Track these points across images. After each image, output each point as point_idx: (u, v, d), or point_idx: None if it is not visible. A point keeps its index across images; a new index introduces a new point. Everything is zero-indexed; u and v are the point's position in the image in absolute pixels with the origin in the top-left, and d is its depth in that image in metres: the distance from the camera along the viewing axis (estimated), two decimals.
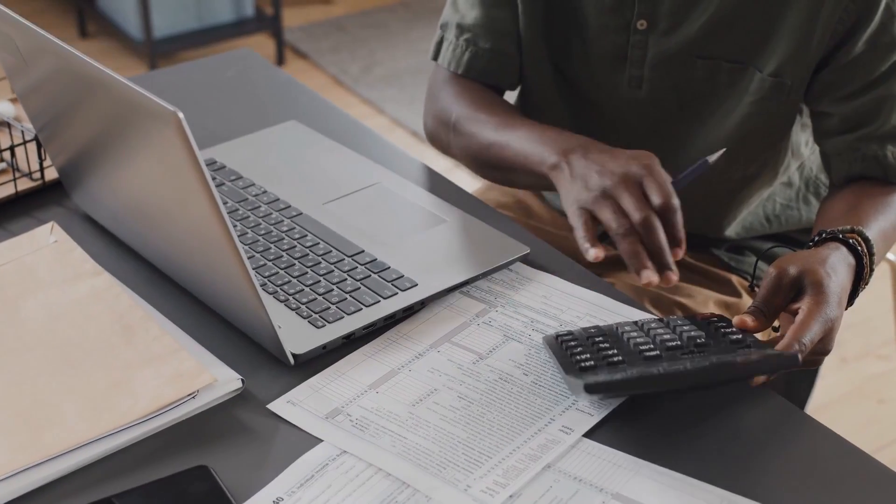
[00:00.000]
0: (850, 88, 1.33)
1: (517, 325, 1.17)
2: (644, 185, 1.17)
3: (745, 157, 1.42)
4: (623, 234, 1.15)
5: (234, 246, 1.01)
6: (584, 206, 1.18)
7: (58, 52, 1.10)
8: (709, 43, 1.35)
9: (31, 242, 1.27)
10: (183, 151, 0.97)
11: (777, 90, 1.34)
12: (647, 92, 1.40)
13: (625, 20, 1.37)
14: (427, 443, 1.03)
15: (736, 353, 1.04)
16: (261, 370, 1.12)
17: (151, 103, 0.98)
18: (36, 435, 1.03)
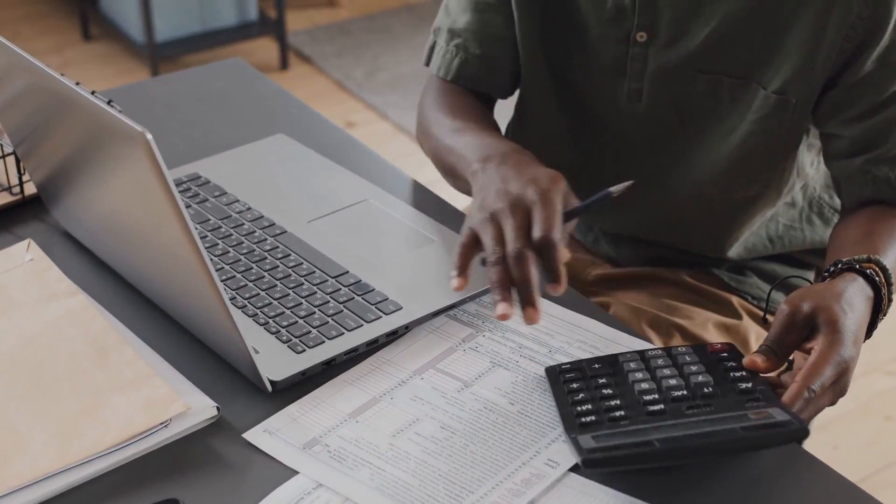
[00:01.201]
0: (860, 109, 1.29)
1: (504, 352, 1.13)
2: (532, 213, 1.11)
3: (747, 177, 1.38)
4: (492, 263, 1.09)
5: (205, 268, 0.98)
6: (472, 226, 1.14)
7: (31, 68, 1.06)
8: (710, 57, 1.31)
9: (6, 260, 1.24)
10: (151, 172, 0.93)
11: (781, 108, 1.30)
12: (646, 105, 1.36)
13: (625, 31, 1.33)
14: (407, 476, 0.99)
15: (744, 410, 0.99)
16: (238, 396, 1.08)
17: (120, 123, 0.94)
18: (1, 464, 0.99)
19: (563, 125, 1.45)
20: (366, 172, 1.41)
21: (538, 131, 1.49)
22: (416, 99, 1.50)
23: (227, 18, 3.83)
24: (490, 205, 1.13)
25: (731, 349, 1.09)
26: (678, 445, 0.96)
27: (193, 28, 3.79)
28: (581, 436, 0.98)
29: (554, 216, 1.11)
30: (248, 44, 3.92)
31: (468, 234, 1.13)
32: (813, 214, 1.51)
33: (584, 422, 1.00)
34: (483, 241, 1.12)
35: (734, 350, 1.09)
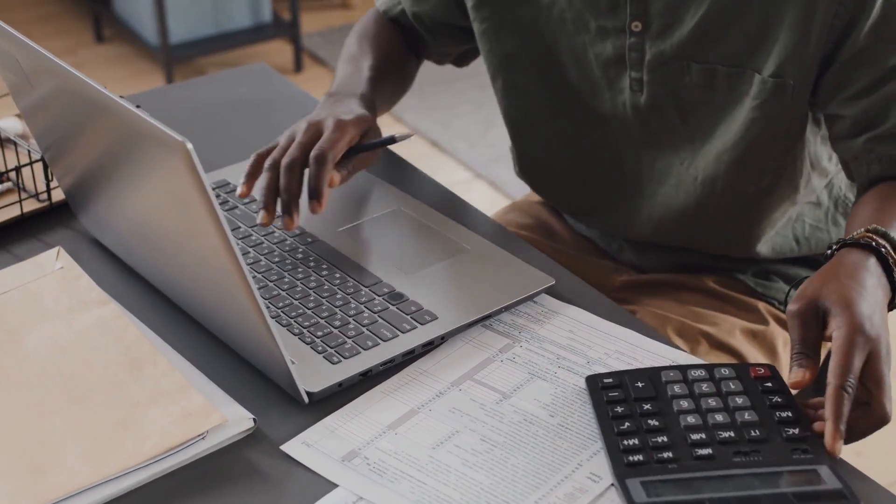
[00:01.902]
0: (859, 86, 1.27)
1: (542, 363, 1.12)
2: (321, 134, 1.24)
3: (755, 168, 1.36)
4: (265, 168, 1.23)
5: (244, 279, 0.96)
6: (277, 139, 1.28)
7: (62, 73, 1.05)
8: (703, 46, 1.30)
9: (36, 269, 1.23)
10: (191, 182, 0.92)
11: (779, 92, 1.29)
12: (647, 96, 1.36)
13: (621, 22, 1.34)
14: (448, 489, 0.98)
15: (792, 464, 0.98)
16: (273, 408, 1.07)
17: (159, 132, 0.93)
18: (37, 478, 0.98)
19: (561, 126, 1.45)
20: (393, 177, 1.40)
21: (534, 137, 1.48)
22: (431, 102, 1.54)
23: (241, 20, 3.82)
24: (295, 125, 1.28)
25: (773, 375, 1.08)
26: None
27: (207, 30, 3.78)
28: (629, 480, 0.97)
29: (338, 141, 1.23)
30: (262, 46, 3.91)
31: (268, 147, 1.27)
32: (839, 215, 1.49)
33: (632, 461, 0.98)
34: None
35: (777, 376, 1.08)
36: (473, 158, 3.36)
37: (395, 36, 1.55)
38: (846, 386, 1.01)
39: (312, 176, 1.21)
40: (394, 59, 1.52)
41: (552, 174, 1.51)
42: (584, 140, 1.44)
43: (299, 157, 1.22)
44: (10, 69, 1.18)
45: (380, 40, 1.52)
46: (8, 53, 1.14)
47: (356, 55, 1.48)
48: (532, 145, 1.51)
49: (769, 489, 0.96)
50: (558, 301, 1.20)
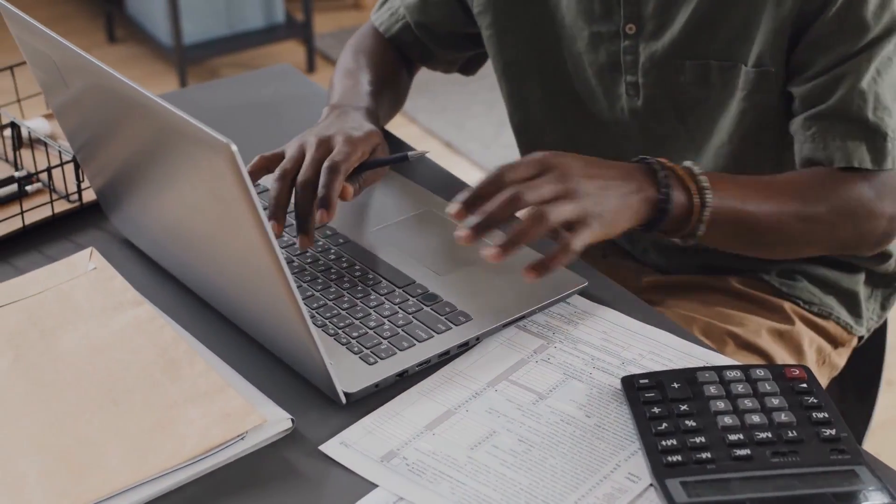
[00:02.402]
0: (815, 69, 1.28)
1: (577, 363, 1.12)
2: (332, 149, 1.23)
3: (752, 160, 1.37)
4: (276, 178, 1.22)
5: (285, 280, 0.97)
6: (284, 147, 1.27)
7: (99, 73, 1.05)
8: (695, 43, 1.32)
9: (69, 269, 1.23)
10: (235, 184, 0.92)
11: (763, 80, 1.30)
12: (644, 100, 1.37)
13: (615, 26, 1.35)
14: (488, 490, 0.98)
15: (830, 465, 0.98)
16: (309, 409, 1.07)
17: (202, 132, 0.93)
18: (78, 478, 0.98)
19: (562, 130, 1.47)
20: (420, 178, 1.40)
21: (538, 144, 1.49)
22: (443, 103, 1.55)
23: (254, 21, 3.82)
24: (303, 137, 1.26)
25: (808, 376, 1.08)
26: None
27: (220, 31, 3.78)
28: (669, 480, 0.97)
29: (351, 154, 1.22)
30: (275, 46, 3.92)
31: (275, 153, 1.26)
32: None
33: (671, 462, 0.99)
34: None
35: (812, 378, 1.08)
36: (487, 159, 3.36)
37: (391, 53, 1.55)
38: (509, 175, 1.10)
39: (324, 185, 1.19)
40: (390, 76, 1.52)
41: None
42: (587, 147, 1.44)
43: (312, 176, 1.20)
44: (43, 69, 1.18)
45: (376, 57, 1.52)
46: (42, 53, 1.15)
47: (353, 70, 1.48)
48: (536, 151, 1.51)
49: (809, 489, 0.96)
50: (591, 303, 1.20)
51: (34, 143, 1.44)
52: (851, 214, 1.28)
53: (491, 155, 3.38)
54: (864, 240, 1.33)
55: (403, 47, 1.56)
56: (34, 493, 0.97)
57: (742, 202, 1.23)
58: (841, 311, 1.51)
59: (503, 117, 1.51)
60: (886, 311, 1.56)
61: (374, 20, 1.57)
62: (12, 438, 1.02)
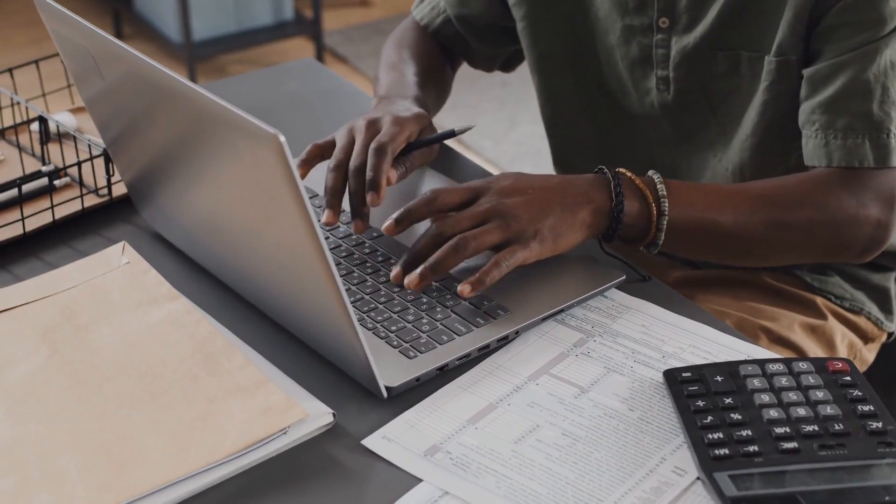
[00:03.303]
0: (825, 57, 1.27)
1: (618, 357, 1.12)
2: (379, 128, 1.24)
3: (777, 150, 1.36)
4: (330, 168, 1.22)
5: (331, 274, 0.96)
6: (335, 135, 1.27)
7: (137, 64, 1.05)
8: (726, 34, 1.32)
9: (102, 264, 1.22)
10: (283, 176, 0.91)
11: (784, 69, 1.30)
12: (675, 93, 1.37)
13: (648, 19, 1.35)
14: (534, 484, 0.97)
15: (878, 458, 0.97)
16: (350, 403, 1.06)
17: (249, 124, 0.92)
18: (120, 473, 0.97)
19: (595, 125, 1.46)
20: (450, 172, 1.39)
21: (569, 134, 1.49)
22: (453, 99, 1.56)
23: (263, 18, 3.81)
24: (353, 123, 1.26)
25: (852, 370, 1.07)
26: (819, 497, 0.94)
27: (229, 28, 3.77)
28: (717, 473, 0.96)
29: (398, 134, 1.22)
30: (283, 43, 3.91)
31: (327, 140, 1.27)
32: None
33: (717, 455, 0.98)
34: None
35: (855, 370, 1.07)
36: (499, 156, 3.36)
37: (434, 46, 1.54)
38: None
39: (371, 167, 1.20)
40: (434, 68, 1.51)
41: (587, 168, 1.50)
42: (618, 141, 1.45)
43: (364, 162, 1.21)
44: (77, 60, 1.17)
45: (420, 50, 1.51)
46: (77, 44, 1.14)
47: (397, 63, 1.48)
48: (567, 145, 1.51)
49: (859, 482, 0.95)
50: (629, 296, 1.20)
51: (62, 138, 1.43)
52: (831, 221, 1.25)
53: (502, 151, 3.37)
54: (848, 247, 1.29)
55: (445, 41, 1.55)
56: (75, 488, 0.96)
57: (704, 210, 1.21)
58: (872, 307, 1.51)
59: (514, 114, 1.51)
60: None
61: (416, 14, 1.56)
62: (51, 434, 1.01)
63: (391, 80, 1.44)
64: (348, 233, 1.26)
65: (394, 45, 1.53)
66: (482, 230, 1.13)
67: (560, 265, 1.22)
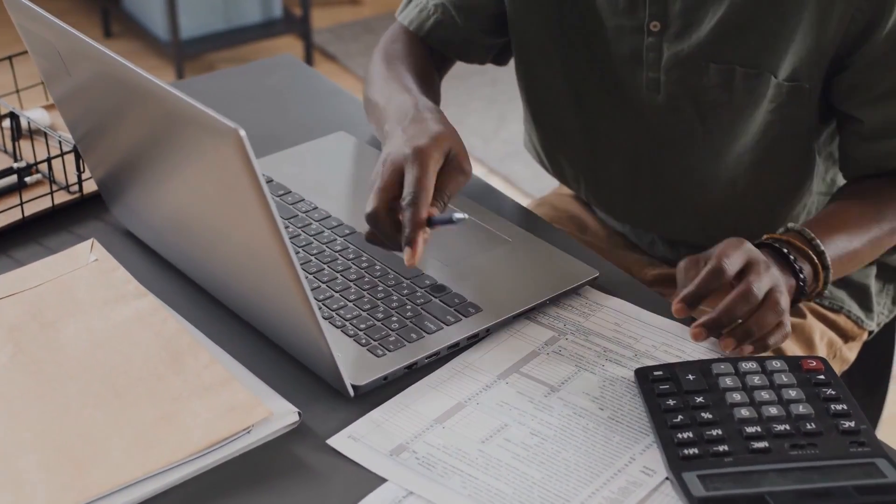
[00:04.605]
0: (876, 91, 1.27)
1: (589, 355, 1.10)
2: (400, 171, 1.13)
3: (775, 167, 1.35)
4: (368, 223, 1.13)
5: (294, 271, 0.95)
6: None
7: (103, 60, 1.03)
8: (721, 47, 1.29)
9: (70, 261, 1.21)
10: (243, 171, 0.90)
11: (796, 95, 1.28)
12: (664, 96, 1.35)
13: (639, 21, 1.33)
14: (500, 484, 0.96)
15: (850, 457, 0.96)
16: (316, 402, 1.05)
17: (209, 118, 0.91)
18: (80, 472, 0.96)
19: (580, 120, 1.44)
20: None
21: (553, 126, 1.47)
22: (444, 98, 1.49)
23: (251, 16, 3.80)
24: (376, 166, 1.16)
25: (826, 369, 1.06)
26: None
27: (218, 25, 3.76)
28: (686, 473, 0.95)
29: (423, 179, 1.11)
30: (272, 41, 3.89)
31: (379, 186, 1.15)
32: None
33: (687, 455, 0.97)
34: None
35: (829, 369, 1.06)
36: (487, 154, 3.34)
37: (423, 55, 1.46)
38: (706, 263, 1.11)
39: (404, 222, 1.10)
40: (427, 78, 1.42)
41: (574, 164, 1.49)
42: (603, 137, 1.43)
43: (381, 206, 1.11)
44: (45, 56, 1.16)
45: (410, 59, 1.42)
46: (44, 41, 1.13)
47: (390, 77, 1.37)
48: (552, 137, 1.49)
49: (829, 482, 0.94)
50: (603, 294, 1.18)
51: (34, 135, 1.42)
52: None
53: (491, 150, 3.36)
54: None
55: (437, 44, 1.46)
56: (36, 488, 0.95)
57: (849, 241, 1.26)
58: (852, 305, 1.49)
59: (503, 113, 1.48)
60: None
61: (402, 19, 1.48)
62: (13, 433, 1.00)
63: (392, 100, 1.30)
64: (320, 230, 1.25)
65: (382, 59, 1.43)
66: (781, 295, 1.12)
67: (533, 262, 1.20)
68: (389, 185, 1.12)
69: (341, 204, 1.29)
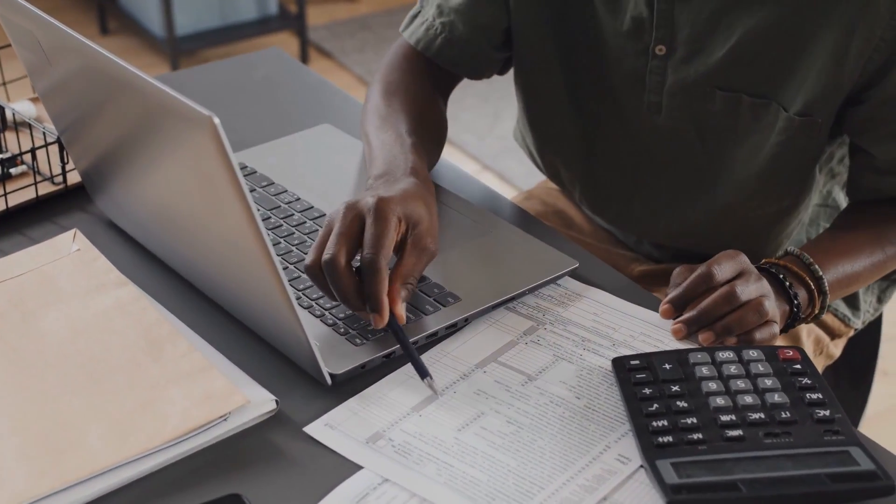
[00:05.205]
0: (890, 128, 1.27)
1: (567, 345, 1.11)
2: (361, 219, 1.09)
3: (778, 192, 1.36)
4: (310, 276, 1.09)
5: (270, 259, 0.95)
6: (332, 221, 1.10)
7: (83, 50, 1.04)
8: (729, 75, 1.28)
9: (52, 251, 1.21)
10: (218, 159, 0.91)
11: (807, 128, 1.27)
12: (666, 119, 1.34)
13: (643, 44, 1.31)
14: (475, 471, 0.97)
15: (824, 446, 0.97)
16: (295, 391, 1.06)
17: (184, 107, 0.91)
18: (58, 459, 0.96)
19: (578, 129, 1.43)
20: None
21: (551, 133, 1.46)
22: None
23: (247, 13, 3.80)
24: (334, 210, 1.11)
25: (802, 358, 1.06)
26: (764, 493, 0.93)
27: (213, 22, 3.77)
28: (659, 461, 0.95)
29: (383, 236, 1.07)
30: (267, 38, 3.90)
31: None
32: None
33: (661, 443, 0.97)
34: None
35: (805, 359, 1.06)
36: (482, 151, 3.35)
37: (425, 81, 1.42)
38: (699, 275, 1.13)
39: (366, 285, 1.06)
40: (428, 113, 1.38)
41: (570, 169, 1.48)
42: (602, 149, 1.42)
43: (338, 253, 1.06)
44: (28, 48, 1.16)
45: (410, 96, 1.38)
46: (27, 31, 1.13)
47: (386, 117, 1.32)
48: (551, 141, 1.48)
49: (802, 470, 0.94)
50: (582, 284, 1.19)
51: (19, 127, 1.42)
52: None
53: (486, 147, 3.37)
54: None
55: (448, 64, 1.42)
56: (13, 474, 0.95)
57: (851, 266, 1.28)
58: (839, 304, 1.50)
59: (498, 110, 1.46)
60: (883, 303, 1.55)
61: (408, 37, 1.43)
62: None
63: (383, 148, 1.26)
64: (302, 220, 1.25)
65: (381, 92, 1.38)
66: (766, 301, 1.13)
67: (513, 253, 1.21)
68: (346, 233, 1.07)
69: (323, 195, 1.29)
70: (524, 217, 1.32)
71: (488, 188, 1.38)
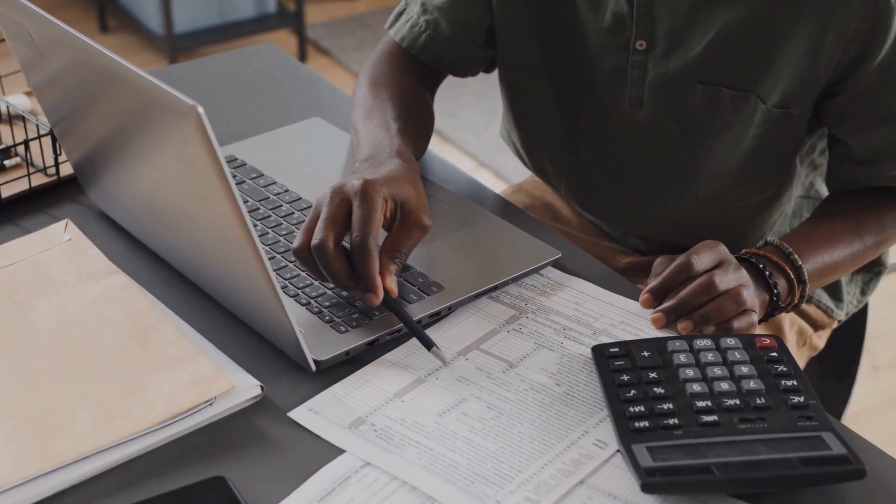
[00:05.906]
0: (866, 119, 1.28)
1: (549, 333, 1.13)
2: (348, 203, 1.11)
3: (758, 186, 1.38)
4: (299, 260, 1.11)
5: (255, 247, 0.97)
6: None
7: (74, 43, 1.05)
8: (709, 68, 1.30)
9: (44, 240, 1.23)
10: (202, 147, 0.92)
11: (785, 120, 1.29)
12: (647, 113, 1.35)
13: (624, 39, 1.33)
14: (455, 455, 0.98)
15: (798, 431, 0.98)
16: (280, 377, 1.07)
17: (169, 97, 0.93)
18: (46, 442, 0.98)
19: (562, 125, 1.45)
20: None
21: (536, 129, 1.48)
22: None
23: (245, 10, 3.82)
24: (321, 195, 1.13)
25: (779, 346, 1.08)
26: (737, 476, 0.94)
27: (212, 20, 3.78)
28: (635, 445, 0.97)
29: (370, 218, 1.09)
30: (266, 36, 3.91)
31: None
32: None
33: (637, 427, 0.99)
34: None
35: (782, 347, 1.08)
36: (478, 148, 3.36)
37: (410, 75, 1.44)
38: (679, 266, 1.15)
39: (358, 268, 1.09)
40: (415, 104, 1.40)
41: (555, 165, 1.50)
42: (585, 144, 1.43)
43: (326, 237, 1.08)
44: (21, 41, 1.18)
45: (396, 87, 1.40)
46: (20, 25, 1.15)
47: (373, 107, 1.35)
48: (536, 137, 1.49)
49: (774, 454, 0.96)
50: (565, 274, 1.21)
51: (13, 120, 1.44)
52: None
53: (482, 143, 3.38)
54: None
55: (432, 61, 1.44)
56: (1, 456, 0.97)
57: (830, 255, 1.30)
58: (822, 295, 1.51)
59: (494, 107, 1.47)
60: (866, 296, 1.57)
61: (394, 35, 1.45)
62: None
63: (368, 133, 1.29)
64: (290, 211, 1.27)
65: (367, 84, 1.40)
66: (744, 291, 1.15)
67: (497, 244, 1.23)
68: (333, 217, 1.09)
69: (312, 186, 1.31)
70: (508, 208, 1.34)
71: (475, 180, 1.40)
